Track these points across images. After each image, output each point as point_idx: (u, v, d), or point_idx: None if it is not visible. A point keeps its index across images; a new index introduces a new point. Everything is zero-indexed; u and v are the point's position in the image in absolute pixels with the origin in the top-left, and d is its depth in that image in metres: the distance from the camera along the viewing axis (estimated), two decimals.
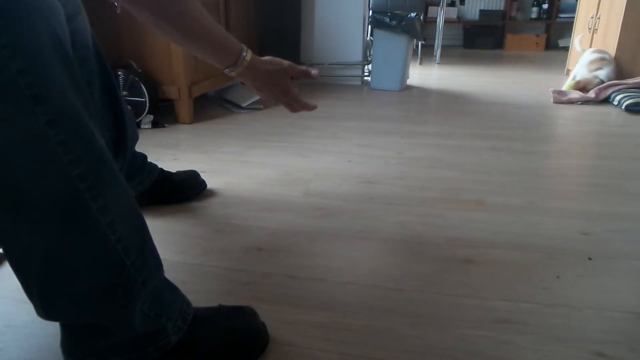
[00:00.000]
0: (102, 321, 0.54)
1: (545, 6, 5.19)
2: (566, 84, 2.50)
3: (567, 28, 4.32)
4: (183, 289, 0.64)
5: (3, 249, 0.48)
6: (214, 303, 0.67)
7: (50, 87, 0.44)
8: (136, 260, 0.53)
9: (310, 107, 0.91)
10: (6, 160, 0.43)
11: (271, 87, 0.83)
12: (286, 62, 0.83)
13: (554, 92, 2.39)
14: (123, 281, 0.53)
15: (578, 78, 2.46)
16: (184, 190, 1.14)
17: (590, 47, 2.81)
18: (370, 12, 2.63)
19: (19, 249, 0.48)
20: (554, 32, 5.25)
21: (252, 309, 0.67)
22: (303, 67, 0.85)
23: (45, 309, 0.52)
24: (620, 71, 2.47)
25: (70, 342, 0.56)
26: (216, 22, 0.72)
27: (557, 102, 2.29)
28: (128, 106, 1.00)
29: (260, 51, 2.70)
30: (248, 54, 0.77)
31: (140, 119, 1.73)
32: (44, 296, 0.50)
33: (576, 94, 2.32)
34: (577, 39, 2.88)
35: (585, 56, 2.58)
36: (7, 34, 0.40)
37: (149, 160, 1.10)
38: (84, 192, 0.47)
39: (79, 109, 0.47)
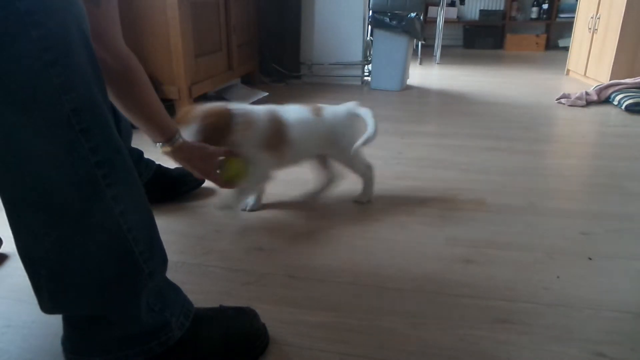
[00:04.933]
0: (108, 312, 0.54)
1: (545, 6, 5.18)
2: None
3: (567, 28, 4.32)
4: (183, 289, 0.64)
5: (14, 236, 0.49)
6: (214, 303, 0.67)
7: (77, 78, 0.46)
8: (144, 251, 0.54)
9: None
10: (31, 143, 0.45)
11: (193, 169, 0.93)
12: (211, 149, 0.92)
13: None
14: (131, 270, 0.53)
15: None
16: (182, 184, 1.15)
17: (590, 48, 2.80)
18: (370, 12, 2.63)
19: (32, 235, 0.49)
20: (554, 32, 5.24)
21: (253, 310, 0.67)
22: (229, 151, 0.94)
23: (53, 300, 0.52)
24: (619, 72, 2.47)
25: (73, 336, 0.56)
26: (159, 102, 0.82)
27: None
28: None
29: (260, 51, 2.70)
30: (180, 140, 0.87)
31: None
32: (53, 285, 0.51)
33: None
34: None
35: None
36: (43, 28, 0.43)
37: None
38: (101, 179, 0.49)
39: (99, 100, 0.49)
